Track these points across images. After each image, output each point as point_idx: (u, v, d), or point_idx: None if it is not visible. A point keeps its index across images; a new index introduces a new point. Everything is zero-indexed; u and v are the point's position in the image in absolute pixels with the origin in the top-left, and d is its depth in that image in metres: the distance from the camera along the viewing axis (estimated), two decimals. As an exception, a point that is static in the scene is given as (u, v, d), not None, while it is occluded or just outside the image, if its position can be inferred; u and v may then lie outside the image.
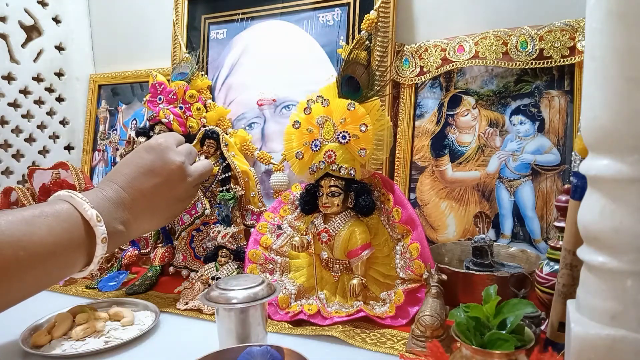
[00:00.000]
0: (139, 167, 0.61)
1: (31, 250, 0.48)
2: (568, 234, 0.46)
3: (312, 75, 0.85)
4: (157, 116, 0.84)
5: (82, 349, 0.58)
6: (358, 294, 0.63)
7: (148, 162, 0.61)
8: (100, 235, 0.53)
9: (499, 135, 0.75)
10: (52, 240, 0.50)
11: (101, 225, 0.53)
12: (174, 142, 0.66)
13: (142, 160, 0.62)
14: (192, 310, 0.68)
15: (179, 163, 0.63)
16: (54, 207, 0.52)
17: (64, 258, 0.51)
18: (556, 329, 0.47)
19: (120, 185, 0.59)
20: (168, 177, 0.62)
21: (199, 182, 0.69)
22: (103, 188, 0.58)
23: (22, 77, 1.06)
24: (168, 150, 0.63)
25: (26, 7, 1.06)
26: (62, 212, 0.52)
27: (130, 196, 0.59)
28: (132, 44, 1.14)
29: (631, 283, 0.34)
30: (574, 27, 0.69)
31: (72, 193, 0.54)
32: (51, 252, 0.49)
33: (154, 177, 0.61)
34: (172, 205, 0.65)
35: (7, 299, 0.49)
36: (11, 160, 1.06)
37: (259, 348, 0.44)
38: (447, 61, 0.78)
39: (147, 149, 0.63)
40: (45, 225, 0.49)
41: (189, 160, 0.67)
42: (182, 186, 0.64)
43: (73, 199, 0.53)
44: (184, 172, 0.64)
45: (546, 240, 0.70)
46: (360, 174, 0.66)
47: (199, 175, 0.68)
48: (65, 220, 0.51)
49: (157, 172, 0.61)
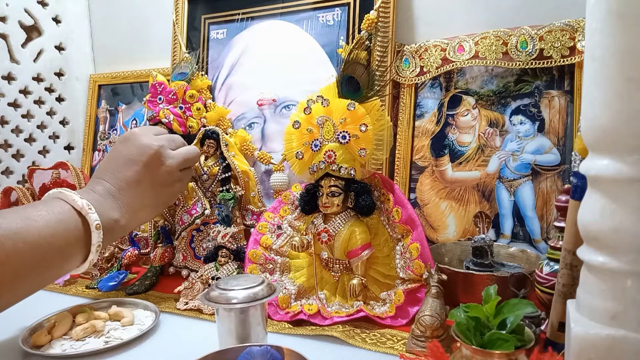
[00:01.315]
0: (118, 159, 0.63)
1: (31, 242, 0.49)
2: (568, 234, 0.46)
3: (312, 75, 0.85)
4: (157, 116, 0.84)
5: (82, 349, 0.58)
6: (358, 294, 0.64)
7: (125, 152, 0.63)
8: (94, 222, 0.54)
9: (499, 135, 0.75)
10: (49, 232, 0.51)
11: (93, 213, 0.54)
12: (149, 130, 0.67)
13: (119, 153, 0.64)
14: (192, 310, 0.68)
15: (155, 147, 0.64)
16: (46, 203, 0.54)
17: (62, 249, 0.52)
18: (556, 329, 0.47)
19: (106, 180, 0.61)
20: (147, 163, 0.63)
21: (185, 165, 0.68)
22: (90, 185, 0.61)
23: (22, 77, 1.06)
24: (142, 137, 0.64)
25: (26, 7, 1.06)
26: (54, 206, 0.53)
27: (116, 187, 0.60)
28: (132, 44, 1.14)
29: (631, 283, 0.34)
30: (574, 27, 0.69)
31: (61, 189, 0.56)
32: (49, 243, 0.51)
33: (133, 164, 0.62)
34: (160, 191, 0.65)
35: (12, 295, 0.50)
36: (11, 160, 1.06)
37: (259, 348, 0.44)
38: (447, 61, 0.78)
39: (122, 140, 0.65)
40: (41, 218, 0.51)
41: (171, 145, 0.67)
42: (163, 169, 0.64)
43: (62, 193, 0.55)
44: (162, 155, 0.64)
45: (546, 240, 0.70)
46: (360, 174, 0.66)
47: (183, 157, 0.67)
48: (59, 213, 0.53)
49: (135, 160, 0.62)
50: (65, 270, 0.55)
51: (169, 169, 0.65)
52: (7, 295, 0.49)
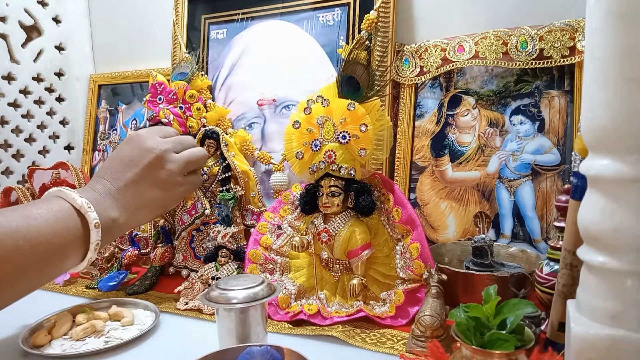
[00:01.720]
0: (120, 159, 0.63)
1: (30, 239, 0.49)
2: (568, 234, 0.46)
3: (312, 75, 0.85)
4: (157, 116, 0.84)
5: (82, 349, 0.58)
6: (358, 294, 0.63)
7: (127, 153, 0.63)
8: (93, 221, 0.54)
9: (499, 135, 0.75)
10: (49, 230, 0.51)
11: (92, 212, 0.55)
12: (155, 132, 0.66)
13: (122, 153, 0.64)
14: (192, 310, 0.68)
15: (157, 151, 0.63)
16: (45, 202, 0.54)
17: (62, 247, 0.53)
18: (556, 329, 0.47)
19: (106, 179, 0.61)
20: (147, 166, 0.62)
21: (188, 169, 0.67)
22: (91, 184, 0.61)
23: (22, 77, 1.06)
24: (146, 139, 0.64)
25: (26, 7, 1.06)
26: (54, 204, 0.54)
27: (116, 187, 0.60)
28: (132, 44, 1.14)
29: (631, 283, 0.34)
30: (574, 27, 0.69)
31: (60, 188, 0.56)
32: (49, 241, 0.51)
33: (134, 166, 0.62)
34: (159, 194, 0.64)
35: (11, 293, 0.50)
36: (11, 160, 1.06)
37: (259, 348, 0.44)
38: (447, 61, 0.78)
39: (126, 141, 0.65)
40: (40, 216, 0.51)
41: (177, 148, 0.66)
42: (164, 173, 0.63)
43: (62, 192, 0.55)
44: (164, 159, 0.64)
45: (546, 240, 0.70)
46: (360, 174, 0.66)
47: (185, 161, 0.66)
48: (58, 211, 0.53)
49: (136, 162, 0.62)
50: (64, 268, 0.55)
51: (168, 172, 0.64)
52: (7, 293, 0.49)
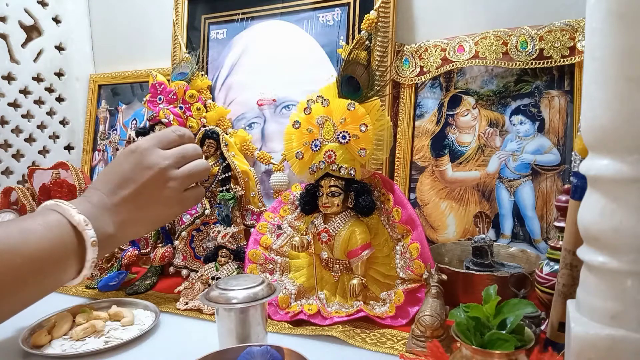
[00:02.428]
0: (118, 174, 0.60)
1: (27, 256, 0.48)
2: (568, 234, 0.46)
3: (312, 75, 0.85)
4: (157, 116, 0.84)
5: (82, 349, 0.58)
6: (358, 294, 0.63)
7: (126, 168, 0.59)
8: (90, 239, 0.53)
9: (499, 135, 0.75)
10: (45, 247, 0.50)
11: (90, 229, 0.53)
12: (157, 144, 0.62)
13: (120, 167, 0.60)
14: (192, 310, 0.68)
15: (156, 169, 0.59)
16: (43, 216, 0.53)
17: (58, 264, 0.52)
18: (556, 329, 0.47)
19: (103, 192, 0.58)
20: (147, 183, 0.59)
21: (190, 183, 0.64)
22: (88, 195, 0.59)
23: (22, 77, 1.06)
24: (148, 154, 0.60)
25: (26, 7, 1.06)
26: (51, 220, 0.52)
27: (112, 202, 0.58)
28: (132, 44, 1.14)
29: (631, 283, 0.34)
30: (574, 27, 0.69)
31: (58, 202, 0.54)
32: (45, 258, 0.50)
33: (133, 183, 0.59)
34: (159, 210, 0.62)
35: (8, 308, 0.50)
36: (11, 160, 1.06)
37: (259, 348, 0.44)
38: (447, 61, 0.78)
39: (126, 154, 0.61)
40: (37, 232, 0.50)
41: (179, 163, 0.62)
42: (164, 191, 0.60)
43: (60, 206, 0.53)
44: (165, 176, 0.60)
45: (546, 240, 0.70)
46: (360, 174, 0.66)
47: (186, 176, 0.62)
48: (55, 227, 0.52)
49: (135, 179, 0.59)
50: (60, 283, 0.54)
51: (169, 191, 0.61)
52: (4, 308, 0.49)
